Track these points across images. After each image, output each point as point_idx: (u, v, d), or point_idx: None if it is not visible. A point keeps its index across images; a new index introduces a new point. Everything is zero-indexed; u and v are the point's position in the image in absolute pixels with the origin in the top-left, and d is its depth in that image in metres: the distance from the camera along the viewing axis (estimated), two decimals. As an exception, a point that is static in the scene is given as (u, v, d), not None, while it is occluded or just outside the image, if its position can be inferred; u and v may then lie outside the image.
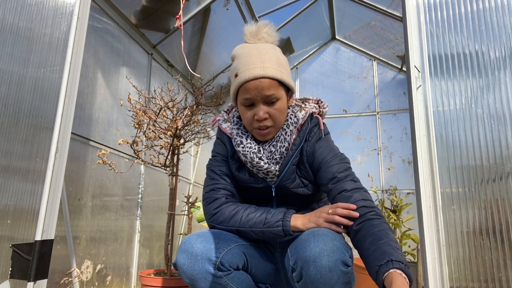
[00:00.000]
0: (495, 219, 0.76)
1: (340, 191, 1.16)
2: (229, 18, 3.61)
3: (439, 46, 0.91)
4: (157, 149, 2.39)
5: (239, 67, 1.21)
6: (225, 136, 1.34)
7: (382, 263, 0.94)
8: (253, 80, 1.17)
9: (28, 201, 1.27)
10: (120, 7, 2.71)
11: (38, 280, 1.19)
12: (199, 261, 1.05)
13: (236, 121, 1.33)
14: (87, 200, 2.31)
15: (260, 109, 1.19)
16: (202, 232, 1.14)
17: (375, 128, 4.57)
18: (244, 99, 1.20)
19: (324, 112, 1.39)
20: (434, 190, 0.82)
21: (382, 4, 3.77)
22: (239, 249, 1.14)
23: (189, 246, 1.07)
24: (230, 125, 1.33)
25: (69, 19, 1.40)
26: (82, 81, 2.29)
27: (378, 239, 1.00)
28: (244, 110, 1.22)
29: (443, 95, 0.88)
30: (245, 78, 1.17)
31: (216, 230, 1.19)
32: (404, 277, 0.90)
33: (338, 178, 1.19)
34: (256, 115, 1.19)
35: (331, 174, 1.20)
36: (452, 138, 0.85)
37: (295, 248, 1.04)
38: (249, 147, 1.24)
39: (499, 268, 0.74)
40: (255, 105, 1.20)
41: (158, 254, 3.22)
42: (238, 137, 1.27)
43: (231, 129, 1.32)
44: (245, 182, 1.29)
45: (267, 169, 1.23)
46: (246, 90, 1.18)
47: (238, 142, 1.26)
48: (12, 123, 1.35)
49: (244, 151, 1.24)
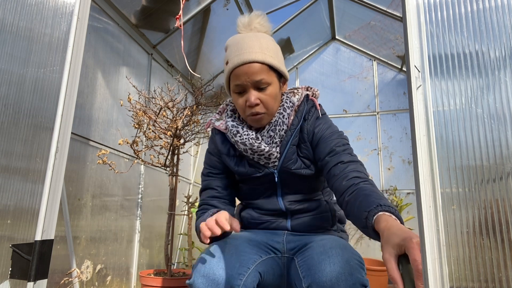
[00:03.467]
0: (495, 219, 0.76)
1: (336, 163, 1.15)
2: (229, 18, 3.61)
3: (439, 46, 0.91)
4: (157, 149, 2.39)
5: (229, 55, 1.22)
6: (218, 136, 1.34)
7: (371, 208, 0.92)
8: (242, 65, 1.17)
9: (28, 201, 1.27)
10: (120, 7, 2.71)
11: (38, 280, 1.19)
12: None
13: (230, 114, 1.33)
14: (87, 200, 2.31)
15: (252, 94, 1.18)
16: (219, 250, 1.10)
17: (375, 128, 4.57)
18: (235, 86, 1.20)
19: (317, 95, 1.36)
20: (434, 190, 0.82)
21: (382, 4, 3.77)
22: (256, 270, 1.11)
23: (209, 271, 1.03)
24: (224, 120, 1.33)
25: (69, 19, 1.40)
26: (82, 81, 2.29)
27: (367, 196, 0.98)
28: (236, 98, 1.22)
29: (443, 95, 0.88)
30: (235, 63, 1.18)
31: (232, 244, 1.14)
32: (395, 218, 0.87)
33: (335, 151, 1.19)
34: (247, 101, 1.18)
35: (329, 148, 1.20)
36: (452, 138, 0.85)
37: (308, 269, 1.00)
38: (247, 134, 1.24)
39: (499, 268, 0.74)
40: (246, 91, 1.19)
41: (158, 254, 3.22)
42: (234, 128, 1.26)
43: (225, 123, 1.31)
44: (246, 174, 1.28)
45: (269, 152, 1.22)
46: (236, 76, 1.18)
47: (234, 132, 1.25)
48: (12, 123, 1.35)
49: (242, 139, 1.23)
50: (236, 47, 1.22)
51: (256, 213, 1.34)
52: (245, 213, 1.38)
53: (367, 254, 4.07)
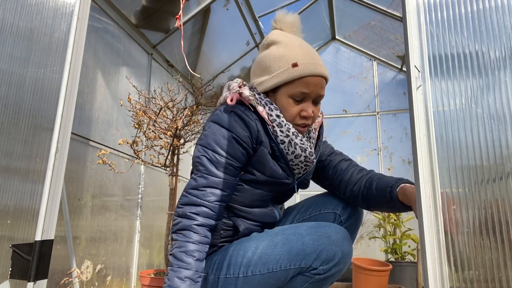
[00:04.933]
0: (495, 219, 0.76)
1: (339, 160, 1.34)
2: (229, 18, 3.61)
3: (439, 46, 0.91)
4: (157, 149, 2.39)
5: (298, 57, 1.14)
6: (259, 123, 1.14)
7: (393, 183, 1.17)
8: (317, 76, 1.15)
9: (28, 201, 1.27)
10: (120, 7, 2.71)
11: (38, 280, 1.19)
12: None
13: (274, 109, 1.18)
14: (87, 200, 2.31)
15: (310, 107, 1.17)
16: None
17: (375, 128, 4.57)
18: (300, 92, 1.14)
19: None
20: (434, 190, 0.82)
21: (382, 4, 3.77)
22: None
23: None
24: (265, 109, 1.15)
25: (69, 19, 1.40)
26: (82, 81, 2.29)
27: (382, 177, 1.23)
28: (291, 103, 1.15)
29: (443, 95, 0.88)
30: (311, 71, 1.13)
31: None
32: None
33: (334, 152, 1.38)
34: (305, 111, 1.16)
35: (328, 150, 1.37)
36: (452, 138, 0.85)
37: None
38: (302, 141, 1.18)
39: (499, 268, 0.74)
40: (304, 101, 1.16)
41: (158, 254, 3.22)
42: (292, 128, 1.17)
43: (275, 116, 1.15)
44: (279, 177, 1.18)
45: (313, 164, 1.25)
46: (306, 84, 1.13)
47: (296, 133, 1.16)
48: (12, 123, 1.35)
49: (302, 144, 1.17)
50: (304, 52, 1.15)
51: (249, 224, 1.22)
52: (240, 223, 1.21)
53: (367, 254, 4.07)
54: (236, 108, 1.14)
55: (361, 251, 4.10)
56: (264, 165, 1.15)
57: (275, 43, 1.20)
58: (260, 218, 1.22)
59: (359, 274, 2.28)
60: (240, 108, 1.14)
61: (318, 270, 1.06)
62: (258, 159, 1.15)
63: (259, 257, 1.08)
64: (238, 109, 1.14)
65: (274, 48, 1.19)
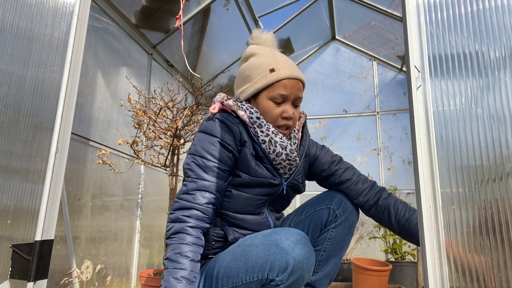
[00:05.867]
0: (495, 219, 0.76)
1: (344, 169, 1.38)
2: (229, 18, 3.61)
3: (439, 46, 0.91)
4: (157, 149, 2.39)
5: (273, 64, 1.23)
6: (241, 126, 1.21)
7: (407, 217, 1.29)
8: (293, 79, 1.23)
9: (28, 201, 1.27)
10: (120, 7, 2.71)
11: (38, 280, 1.19)
12: None
13: (254, 112, 1.24)
14: (87, 200, 2.31)
15: (290, 108, 1.24)
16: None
17: (375, 128, 4.57)
18: (279, 95, 1.22)
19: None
20: (434, 190, 0.82)
21: (382, 4, 3.77)
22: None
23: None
24: (245, 113, 1.22)
25: (69, 19, 1.40)
26: (82, 81, 2.29)
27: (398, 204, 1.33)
28: (272, 106, 1.23)
29: (443, 95, 0.88)
30: (287, 75, 1.22)
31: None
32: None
33: (336, 161, 1.41)
34: (285, 112, 1.22)
35: (329, 159, 1.41)
36: (452, 138, 0.85)
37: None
38: (283, 140, 1.24)
39: (499, 268, 0.74)
40: (284, 103, 1.24)
41: (158, 254, 3.22)
42: (272, 128, 1.23)
43: (255, 118, 1.22)
44: (264, 178, 1.21)
45: (297, 163, 1.27)
46: (284, 86, 1.21)
47: (275, 132, 1.22)
48: (12, 123, 1.35)
49: (283, 143, 1.22)
50: (278, 59, 1.25)
51: (240, 234, 1.21)
52: (230, 232, 1.21)
53: (367, 254, 4.07)
54: (219, 115, 1.22)
55: (361, 251, 4.10)
56: (248, 166, 1.20)
57: (253, 55, 1.30)
58: (253, 227, 1.23)
59: (359, 274, 2.28)
60: (223, 114, 1.22)
61: (276, 281, 0.99)
62: (242, 160, 1.20)
63: (224, 271, 1.09)
64: (220, 116, 1.22)
65: (253, 59, 1.29)
